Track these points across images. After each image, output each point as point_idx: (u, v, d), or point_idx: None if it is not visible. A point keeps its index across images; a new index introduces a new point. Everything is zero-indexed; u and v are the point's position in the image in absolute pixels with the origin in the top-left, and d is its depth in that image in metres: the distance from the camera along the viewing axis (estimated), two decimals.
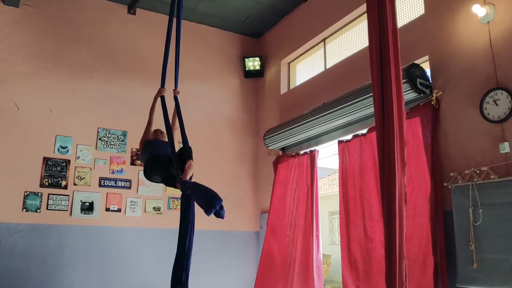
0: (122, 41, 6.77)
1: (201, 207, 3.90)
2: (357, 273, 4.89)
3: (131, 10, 6.90)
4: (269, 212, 6.47)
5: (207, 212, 3.80)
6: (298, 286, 5.74)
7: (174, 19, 4.86)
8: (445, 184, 4.14)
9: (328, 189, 15.84)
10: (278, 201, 6.42)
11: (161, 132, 4.78)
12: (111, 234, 6.06)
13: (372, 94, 4.62)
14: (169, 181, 4.50)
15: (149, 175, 4.57)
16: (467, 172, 3.97)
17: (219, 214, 3.88)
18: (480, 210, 3.77)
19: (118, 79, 6.59)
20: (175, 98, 4.75)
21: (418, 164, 4.39)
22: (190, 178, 4.30)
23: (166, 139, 4.69)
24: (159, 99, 4.80)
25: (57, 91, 6.14)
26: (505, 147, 3.75)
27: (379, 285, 3.20)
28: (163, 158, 4.45)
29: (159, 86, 4.82)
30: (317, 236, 5.82)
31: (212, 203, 3.81)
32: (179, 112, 4.65)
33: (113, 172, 6.29)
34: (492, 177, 3.78)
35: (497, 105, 3.87)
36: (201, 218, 6.61)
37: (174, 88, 4.84)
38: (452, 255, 3.99)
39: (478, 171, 3.90)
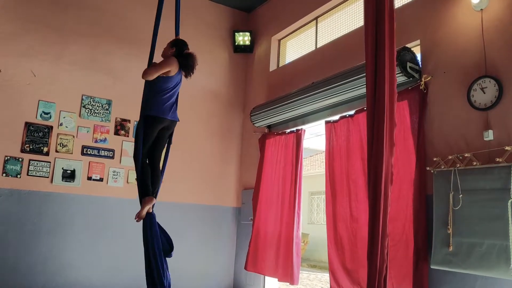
0: (111, 7, 6.58)
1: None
2: (343, 252, 4.96)
3: None
4: (259, 189, 6.43)
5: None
6: (281, 261, 5.83)
7: None
8: (427, 169, 4.20)
9: (309, 169, 15.97)
10: (264, 178, 6.43)
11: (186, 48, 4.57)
12: (92, 203, 6.01)
13: (360, 76, 4.67)
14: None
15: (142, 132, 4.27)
16: (450, 157, 4.03)
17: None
18: (460, 195, 3.84)
19: (105, 46, 6.42)
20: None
21: (404, 147, 4.43)
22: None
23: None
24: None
25: (41, 54, 5.95)
26: (489, 135, 3.81)
27: (364, 264, 3.26)
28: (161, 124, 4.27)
29: (147, 55, 4.60)
30: (298, 214, 5.89)
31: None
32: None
33: (96, 141, 6.20)
34: (475, 163, 3.84)
35: (484, 93, 3.92)
36: (184, 192, 6.72)
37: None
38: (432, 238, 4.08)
39: (461, 157, 3.96)
